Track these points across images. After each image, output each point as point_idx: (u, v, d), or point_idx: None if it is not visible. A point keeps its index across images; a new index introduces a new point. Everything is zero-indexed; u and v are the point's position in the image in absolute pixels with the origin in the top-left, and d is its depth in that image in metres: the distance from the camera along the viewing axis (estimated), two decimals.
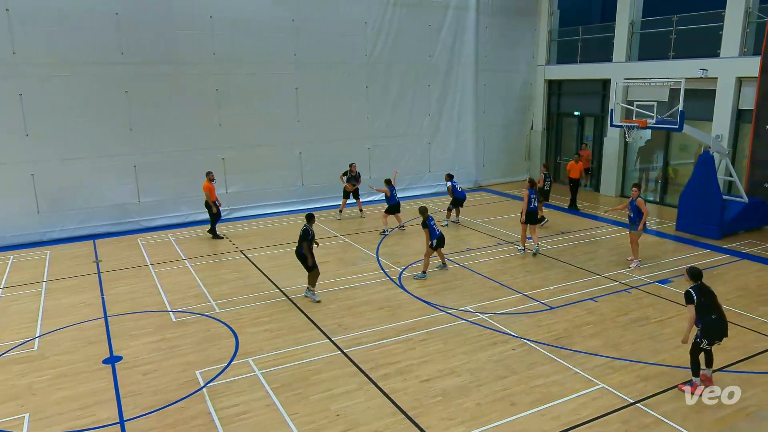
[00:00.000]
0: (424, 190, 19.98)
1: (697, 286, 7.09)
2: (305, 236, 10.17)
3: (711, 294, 7.08)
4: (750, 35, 15.07)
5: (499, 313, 9.77)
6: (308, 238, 10.18)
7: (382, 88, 18.68)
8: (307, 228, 10.26)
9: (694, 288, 7.07)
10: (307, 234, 10.20)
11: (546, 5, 21.02)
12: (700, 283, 7.12)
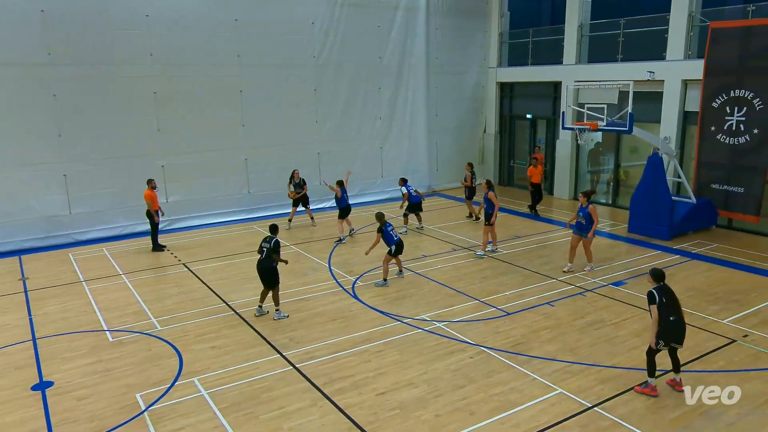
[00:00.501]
0: (377, 196, 20.06)
1: (660, 287, 7.39)
2: (277, 248, 10.01)
3: (672, 296, 7.38)
4: (694, 39, 15.89)
5: (456, 321, 9.89)
6: (279, 251, 10.04)
7: (331, 90, 18.68)
8: (278, 240, 10.13)
9: (657, 289, 7.37)
10: (279, 246, 10.07)
11: (496, 7, 21.54)
12: (662, 284, 7.42)
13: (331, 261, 13.33)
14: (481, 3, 21.60)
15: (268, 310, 10.32)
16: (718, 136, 15.19)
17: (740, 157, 14.81)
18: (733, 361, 8.42)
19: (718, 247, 13.94)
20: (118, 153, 15.53)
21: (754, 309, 10.26)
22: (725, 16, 15.49)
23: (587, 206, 11.94)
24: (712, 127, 15.30)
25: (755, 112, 14.36)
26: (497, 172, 22.69)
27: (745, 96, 14.52)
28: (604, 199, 19.40)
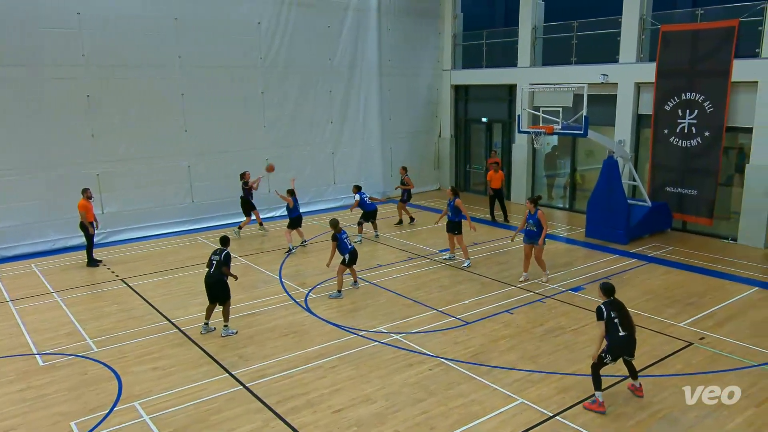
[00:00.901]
0: (329, 204, 19.99)
1: (609, 302, 7.51)
2: (228, 261, 9.81)
3: (622, 310, 7.49)
4: (646, 42, 16.55)
5: (414, 332, 9.92)
6: (229, 264, 9.84)
7: (280, 93, 18.55)
8: (229, 252, 9.92)
9: (606, 304, 7.49)
10: (230, 258, 9.87)
11: (449, 8, 21.89)
12: (612, 298, 7.56)
13: (282, 273, 13.19)
14: (434, 4, 21.91)
15: (215, 327, 10.11)
16: (671, 139, 15.84)
17: (692, 160, 15.47)
18: (690, 363, 8.74)
19: (673, 250, 14.49)
20: (49, 161, 14.97)
21: (710, 311, 10.69)
22: (675, 19, 16.20)
23: (536, 212, 11.91)
24: (664, 129, 15.95)
25: (706, 115, 15.04)
26: (453, 177, 22.98)
27: (696, 99, 15.19)
28: (561, 204, 19.90)
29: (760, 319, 10.30)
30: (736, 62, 14.39)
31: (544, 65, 19.26)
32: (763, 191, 14.26)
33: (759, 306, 10.92)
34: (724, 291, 11.69)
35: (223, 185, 17.24)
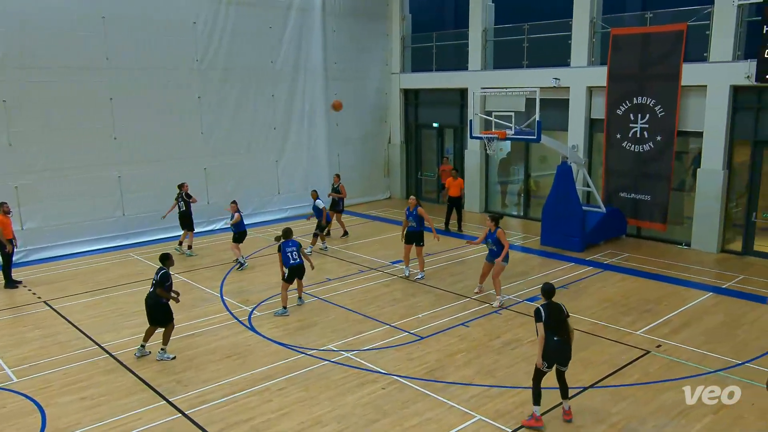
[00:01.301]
0: (274, 215, 19.81)
1: (548, 303, 7.61)
2: (164, 282, 9.55)
3: (560, 314, 7.55)
4: (596, 45, 17.16)
5: (366, 349, 9.92)
6: (166, 285, 9.56)
7: (218, 98, 18.31)
8: (167, 272, 9.65)
9: (545, 306, 7.59)
10: (166, 279, 9.58)
11: (397, 9, 22.14)
12: (549, 301, 7.65)
13: (223, 290, 12.97)
14: (381, 5, 22.11)
15: (150, 350, 9.83)
16: (624, 144, 16.43)
17: (645, 165, 16.09)
18: (648, 372, 9.05)
19: (629, 257, 15.00)
20: None
21: (666, 318, 11.11)
22: (625, 22, 16.86)
23: (495, 231, 11.58)
24: (617, 134, 16.54)
25: (657, 120, 15.69)
26: (404, 185, 23.16)
27: (648, 103, 15.83)
28: (516, 211, 20.33)
29: (715, 325, 10.77)
30: (686, 66, 15.09)
31: (496, 68, 19.68)
32: (715, 195, 14.96)
33: (713, 312, 11.41)
34: (679, 297, 12.17)
35: (158, 197, 16.82)
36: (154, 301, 9.59)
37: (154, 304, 9.60)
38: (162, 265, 9.76)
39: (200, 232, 17.65)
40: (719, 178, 14.87)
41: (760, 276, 13.28)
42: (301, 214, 20.01)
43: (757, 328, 10.64)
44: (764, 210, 14.81)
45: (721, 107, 14.65)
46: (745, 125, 14.70)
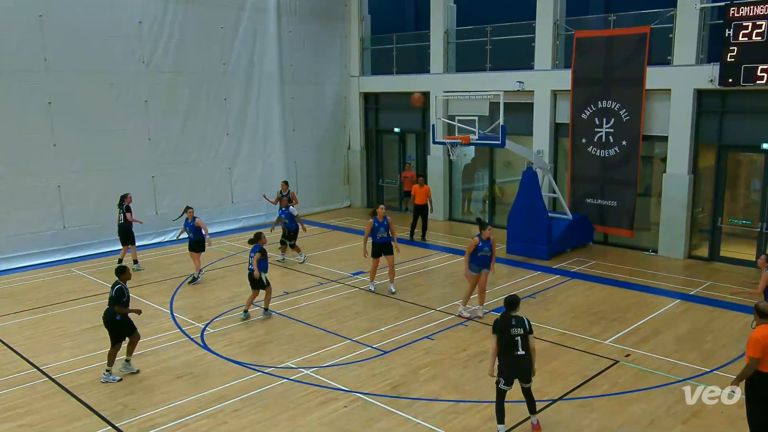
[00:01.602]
0: (228, 226, 19.57)
1: (510, 315, 7.61)
2: (120, 298, 9.32)
3: (513, 328, 7.51)
4: (560, 48, 17.52)
5: (327, 366, 9.86)
6: (123, 300, 9.34)
7: (167, 102, 18.03)
8: (122, 286, 9.42)
9: (505, 317, 7.61)
10: (122, 294, 9.35)
11: (356, 9, 22.22)
12: (507, 313, 7.65)
13: (173, 306, 12.73)
14: (339, 5, 22.16)
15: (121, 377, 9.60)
16: (589, 149, 16.79)
17: (611, 170, 16.47)
18: (617, 383, 9.21)
19: (596, 264, 15.30)
20: None
21: (634, 327, 11.35)
22: (589, 25, 17.28)
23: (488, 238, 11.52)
24: (582, 139, 16.89)
25: (623, 124, 16.09)
26: (364, 193, 23.18)
27: (613, 107, 16.23)
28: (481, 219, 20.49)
29: (683, 332, 11.05)
30: (650, 70, 15.52)
31: (459, 72, 19.91)
32: (681, 201, 15.39)
33: (681, 319, 11.71)
34: (647, 305, 12.46)
35: (101, 208, 16.43)
36: (110, 318, 9.40)
37: (110, 321, 9.42)
38: (117, 279, 9.57)
39: (148, 244, 17.37)
40: (685, 182, 15.31)
41: (726, 282, 13.68)
42: (256, 224, 19.83)
43: (725, 334, 10.95)
44: (730, 215, 15.30)
45: (686, 111, 15.11)
46: (710, 129, 15.18)
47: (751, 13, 13.59)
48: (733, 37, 13.83)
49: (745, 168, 15.67)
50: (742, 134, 14.79)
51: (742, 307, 11.96)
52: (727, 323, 11.47)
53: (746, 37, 13.67)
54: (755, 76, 13.62)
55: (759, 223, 14.65)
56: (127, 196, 15.28)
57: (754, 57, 13.59)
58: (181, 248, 16.81)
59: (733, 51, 13.87)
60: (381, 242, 13.17)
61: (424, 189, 17.90)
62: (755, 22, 13.54)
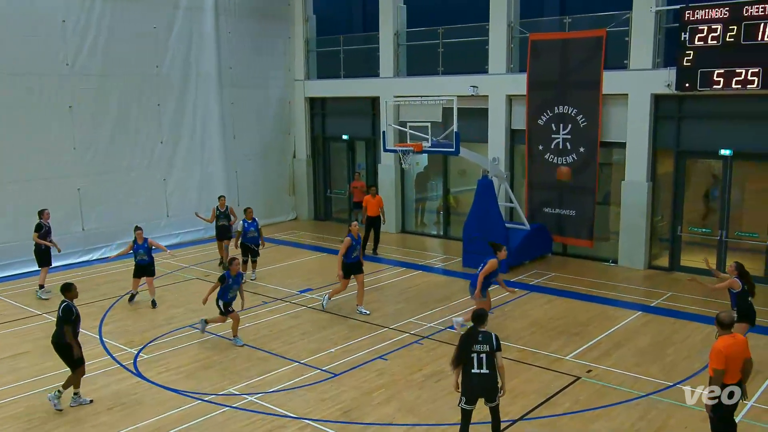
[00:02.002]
0: (163, 241, 19.04)
1: (476, 331, 7.65)
2: (67, 317, 9.05)
3: (469, 342, 7.57)
4: (515, 51, 17.87)
5: (273, 391, 9.75)
6: (71, 320, 9.09)
7: (94, 107, 17.61)
8: (68, 304, 9.16)
9: (471, 333, 7.67)
10: (70, 313, 9.09)
11: (300, 9, 22.20)
12: (474, 329, 7.70)
13: (102, 330, 12.39)
14: (282, 4, 22.11)
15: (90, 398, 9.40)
16: (546, 156, 17.14)
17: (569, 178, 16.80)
18: (579, 400, 9.38)
19: (555, 276, 15.58)
20: None
21: (595, 341, 11.59)
22: (544, 27, 17.68)
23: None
24: (539, 146, 17.23)
25: (580, 130, 16.48)
26: (312, 204, 23.08)
27: (569, 113, 16.61)
28: (435, 230, 20.68)
29: (645, 345, 11.34)
30: (606, 74, 15.97)
31: (410, 75, 20.08)
32: (640, 209, 15.83)
33: (642, 332, 12.02)
34: (608, 318, 12.75)
35: (19, 224, 15.87)
36: (57, 340, 9.19)
37: (57, 344, 9.20)
38: (63, 297, 9.33)
39: (75, 263, 16.95)
40: (644, 190, 15.76)
41: (687, 292, 14.10)
42: (194, 239, 19.54)
43: (686, 346, 11.29)
44: (690, 223, 15.82)
45: (643, 116, 15.58)
46: (668, 135, 15.69)
47: (707, 17, 14.14)
48: (689, 40, 14.36)
49: (703, 174, 16.24)
50: (701, 140, 15.34)
51: (704, 318, 12.36)
52: (689, 335, 11.82)
53: (702, 41, 14.21)
54: (712, 81, 14.16)
55: (719, 231, 15.19)
56: (44, 212, 14.51)
57: (711, 61, 14.14)
58: (110, 267, 16.42)
59: (690, 55, 14.39)
60: (353, 262, 12.96)
61: (376, 199, 17.92)
62: (711, 26, 14.09)
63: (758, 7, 13.46)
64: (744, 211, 15.52)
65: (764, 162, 14.91)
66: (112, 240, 17.51)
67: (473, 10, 18.31)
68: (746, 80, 13.74)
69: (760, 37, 13.51)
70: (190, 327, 12.31)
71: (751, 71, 13.64)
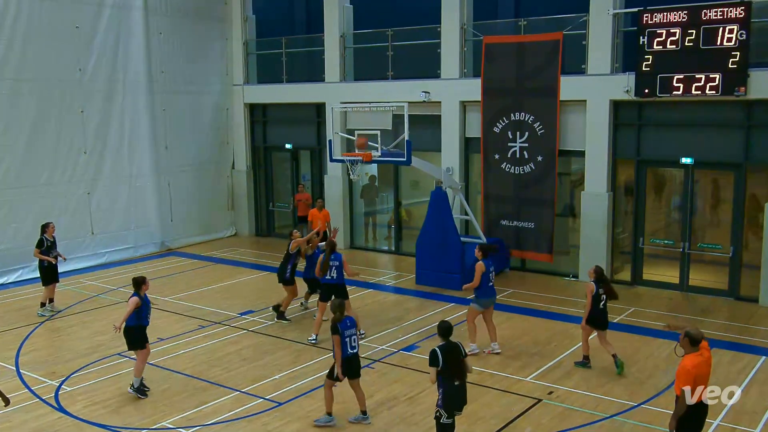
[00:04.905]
0: (88, 261, 18.73)
1: (446, 345, 8.06)
2: None
3: (458, 355, 8.05)
4: (468, 55, 18.15)
5: (211, 423, 9.63)
6: None
7: (8, 115, 17.17)
8: None
9: (442, 348, 8.01)
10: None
11: (238, 8, 22.11)
12: (448, 341, 8.09)
13: (19, 360, 12.02)
14: (218, 3, 22.00)
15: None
16: (503, 165, 17.40)
17: (527, 189, 17.12)
18: (541, 424, 9.52)
19: (514, 293, 15.79)
20: None
21: (556, 360, 11.79)
22: (498, 30, 18.02)
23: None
24: (495, 155, 17.49)
25: (537, 138, 16.81)
26: (252, 219, 22.91)
27: (526, 120, 16.93)
28: (386, 246, 20.75)
29: (608, 364, 11.54)
30: (563, 79, 16.35)
31: (357, 80, 20.18)
32: (601, 220, 16.20)
33: (605, 350, 12.24)
34: (569, 336, 12.96)
35: None
36: None
37: None
38: None
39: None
40: (604, 201, 16.15)
41: (650, 307, 14.48)
42: (123, 258, 19.16)
43: (650, 365, 11.57)
44: (651, 235, 16.26)
45: (602, 124, 16.00)
46: (628, 143, 16.15)
47: (665, 20, 14.65)
48: (648, 45, 14.84)
49: (664, 184, 16.73)
50: (661, 148, 15.82)
51: (668, 334, 12.64)
52: (653, 352, 12.12)
53: (661, 45, 14.71)
54: (672, 87, 14.66)
55: (681, 243, 15.65)
56: (48, 225, 14.69)
57: (670, 66, 14.64)
58: (25, 291, 15.98)
59: (648, 60, 14.87)
60: (333, 284, 12.57)
61: (323, 213, 17.88)
62: (669, 30, 14.59)
63: (716, 10, 14.00)
64: (706, 222, 16.05)
65: (725, 171, 15.44)
66: (30, 261, 17.04)
67: (424, 11, 18.54)
68: (706, 86, 14.25)
69: (720, 42, 14.06)
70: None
71: (711, 77, 14.16)
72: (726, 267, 15.28)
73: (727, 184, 15.50)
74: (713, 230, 15.84)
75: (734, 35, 13.91)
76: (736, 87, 13.96)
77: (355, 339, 9.45)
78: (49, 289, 14.60)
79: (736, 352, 11.99)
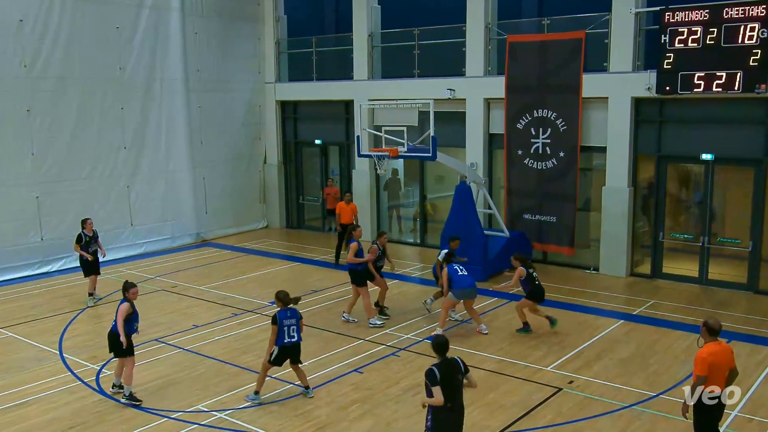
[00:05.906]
0: (127, 252, 18.97)
1: (442, 362, 7.19)
2: None
3: (453, 374, 7.17)
4: (493, 53, 18.02)
5: (243, 408, 9.70)
6: None
7: (53, 112, 17.41)
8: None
9: (439, 366, 7.13)
10: None
11: (270, 9, 22.18)
12: (444, 358, 7.24)
13: (62, 345, 12.21)
14: (251, 4, 22.09)
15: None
16: (526, 161, 17.29)
17: (549, 183, 16.99)
18: (561, 412, 9.44)
19: None
20: None
21: (577, 350, 11.70)
22: (522, 29, 17.86)
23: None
24: (518, 150, 17.38)
25: (559, 134, 16.66)
26: (283, 212, 23.02)
27: (549, 116, 16.79)
28: (412, 238, 20.72)
29: (627, 355, 11.46)
30: (586, 77, 16.17)
31: (384, 78, 20.15)
32: (621, 215, 16.02)
33: (624, 341, 12.15)
34: (590, 327, 12.87)
35: None
36: None
37: None
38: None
39: (33, 275, 16.75)
40: (625, 196, 15.97)
41: (669, 300, 14.30)
42: (160, 249, 19.39)
43: (669, 356, 11.43)
44: (672, 229, 16.05)
45: (624, 120, 15.80)
46: (649, 139, 15.93)
47: (687, 19, 14.40)
48: (669, 43, 14.61)
49: (685, 180, 16.49)
50: (682, 145, 15.59)
51: (687, 326, 12.54)
52: (672, 344, 11.97)
53: (682, 44, 14.47)
54: (693, 84, 14.42)
55: (701, 237, 15.43)
56: (86, 221, 14.78)
57: (691, 64, 14.39)
58: (69, 279, 16.23)
59: (670, 58, 14.64)
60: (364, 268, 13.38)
61: (350, 207, 17.88)
62: (691, 28, 14.35)
63: (738, 9, 13.74)
64: (726, 217, 15.80)
65: (745, 167, 15.18)
66: (72, 250, 17.29)
67: (450, 10, 18.46)
68: (727, 83, 14.01)
69: (741, 40, 13.79)
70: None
71: (732, 74, 13.91)
72: (745, 261, 15.03)
73: (746, 180, 15.23)
74: (733, 225, 15.58)
75: (755, 33, 13.62)
76: (757, 84, 13.68)
77: (294, 329, 9.76)
78: (91, 280, 14.75)
79: (755, 344, 11.79)
